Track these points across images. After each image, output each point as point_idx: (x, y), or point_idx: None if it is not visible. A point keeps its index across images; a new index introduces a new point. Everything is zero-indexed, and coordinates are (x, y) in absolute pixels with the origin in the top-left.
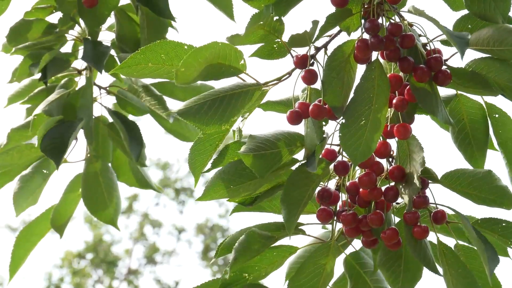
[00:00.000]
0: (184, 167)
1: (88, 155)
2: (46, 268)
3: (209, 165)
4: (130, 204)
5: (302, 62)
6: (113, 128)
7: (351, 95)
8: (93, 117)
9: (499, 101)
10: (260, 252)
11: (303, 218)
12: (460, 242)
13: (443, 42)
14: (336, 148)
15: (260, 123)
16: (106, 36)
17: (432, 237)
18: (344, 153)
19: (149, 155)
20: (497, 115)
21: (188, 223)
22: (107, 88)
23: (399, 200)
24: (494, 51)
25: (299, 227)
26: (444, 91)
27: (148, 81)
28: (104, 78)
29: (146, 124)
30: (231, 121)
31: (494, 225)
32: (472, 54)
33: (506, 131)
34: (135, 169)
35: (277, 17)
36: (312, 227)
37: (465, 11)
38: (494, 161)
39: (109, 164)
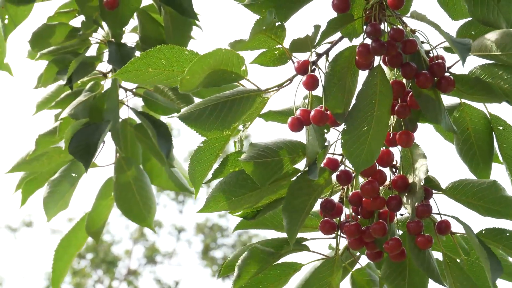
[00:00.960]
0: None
1: (118, 158)
2: (46, 268)
3: (209, 176)
4: None
5: (303, 68)
6: (141, 130)
7: (353, 101)
8: (120, 119)
9: (503, 112)
10: (263, 269)
11: (307, 234)
12: (466, 257)
13: (446, 49)
14: (339, 158)
15: (261, 133)
16: (130, 38)
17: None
18: (346, 163)
19: None
20: (501, 128)
21: (188, 223)
22: (134, 90)
23: (403, 211)
24: (498, 56)
25: (303, 243)
26: (447, 100)
27: None
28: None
29: None
30: (232, 127)
31: (498, 235)
32: (475, 61)
33: (511, 145)
34: (168, 172)
35: (279, 23)
36: (317, 245)
37: (465, 20)
38: (499, 173)
39: (141, 167)
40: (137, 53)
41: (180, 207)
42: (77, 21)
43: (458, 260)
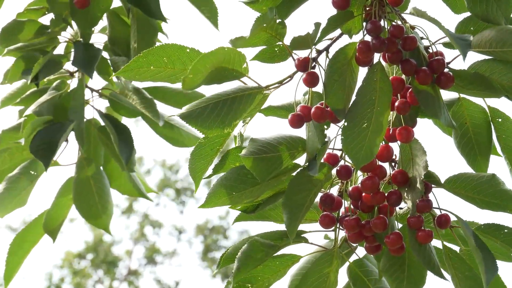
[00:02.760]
0: (184, 168)
1: (80, 158)
2: (46, 268)
3: (210, 171)
4: (130, 204)
5: (304, 65)
6: (104, 132)
7: (353, 97)
8: (85, 119)
9: (502, 105)
10: (263, 261)
11: (305, 226)
12: (465, 248)
13: (445, 45)
14: (339, 153)
15: (262, 128)
16: (99, 38)
17: (436, 242)
18: (346, 158)
19: (150, 155)
20: (500, 120)
21: (188, 224)
22: (99, 91)
23: (402, 205)
24: (497, 52)
25: (302, 235)
26: (446, 95)
27: (140, 85)
28: (96, 81)
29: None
30: (233, 125)
31: (497, 231)
32: (474, 57)
33: (510, 136)
34: (128, 176)
35: (280, 20)
36: (315, 237)
37: (466, 14)
38: (497, 166)
39: (101, 168)
40: (105, 54)
41: (180, 208)
42: (46, 19)
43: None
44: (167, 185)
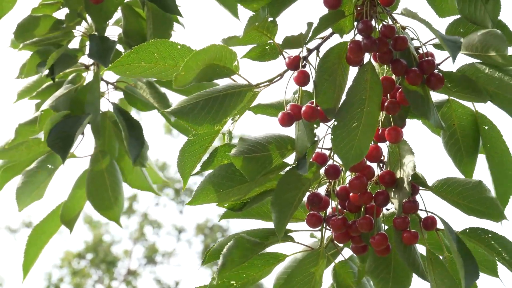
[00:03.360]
0: None
1: (95, 150)
2: (45, 268)
3: (198, 168)
4: (130, 204)
5: (294, 63)
6: (118, 126)
7: (344, 97)
8: (100, 112)
9: (490, 112)
10: (248, 258)
11: (292, 225)
12: (448, 254)
13: (436, 46)
14: (327, 152)
15: (251, 126)
16: (113, 31)
17: (421, 247)
18: (335, 157)
19: (150, 155)
20: (486, 127)
21: (188, 223)
22: (115, 84)
23: (389, 206)
24: (482, 56)
25: (288, 234)
26: (435, 96)
27: None
28: (111, 74)
29: (146, 124)
30: (223, 122)
31: (482, 235)
32: (464, 59)
33: (494, 145)
34: (138, 170)
35: (271, 19)
36: (301, 236)
37: (451, 17)
38: (484, 168)
39: (115, 162)
40: (119, 47)
41: (180, 207)
42: (61, 14)
43: (441, 257)
44: (167, 185)
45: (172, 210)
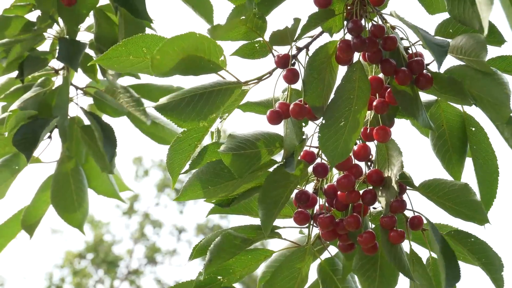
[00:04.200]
0: None
1: (62, 155)
2: (47, 268)
3: (187, 166)
4: (131, 204)
5: (284, 61)
6: (87, 131)
7: (332, 96)
8: (69, 117)
9: (477, 114)
10: (235, 255)
11: (279, 222)
12: (433, 255)
13: (425, 46)
14: (315, 150)
15: (240, 124)
16: (84, 37)
17: (406, 245)
18: (323, 156)
19: (149, 155)
20: (473, 129)
21: (189, 223)
22: (84, 89)
23: (376, 205)
24: (466, 60)
25: (275, 230)
26: (425, 97)
27: (125, 82)
28: (81, 79)
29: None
30: (209, 119)
31: (464, 238)
32: (452, 60)
33: (480, 147)
34: (106, 177)
35: (260, 14)
36: (288, 232)
37: (441, 15)
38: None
39: (81, 168)
40: (90, 52)
41: (180, 208)
42: (33, 15)
43: (425, 256)
44: (167, 185)
45: (172, 210)
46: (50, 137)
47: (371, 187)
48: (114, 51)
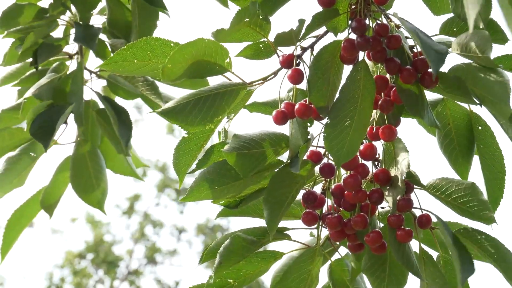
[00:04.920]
0: None
1: (78, 138)
2: (47, 268)
3: (194, 166)
4: (131, 204)
5: (288, 62)
6: (102, 115)
7: (337, 95)
8: (84, 101)
9: (484, 113)
10: (245, 257)
11: (288, 223)
12: (443, 254)
13: None
14: (322, 150)
15: (246, 124)
16: (97, 21)
17: (415, 244)
18: (329, 155)
19: (149, 156)
20: (480, 128)
21: (189, 223)
22: (98, 72)
23: (384, 204)
24: (471, 57)
25: (285, 232)
26: (431, 95)
27: None
28: (94, 64)
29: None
30: (215, 121)
31: (475, 236)
32: (459, 59)
33: (487, 146)
34: (121, 157)
35: (263, 16)
36: (298, 234)
37: (446, 16)
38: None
39: (98, 149)
40: (103, 36)
41: (181, 208)
42: (45, 3)
43: (435, 257)
44: (167, 185)
45: (172, 210)
46: (65, 122)
47: (378, 187)
48: (118, 55)
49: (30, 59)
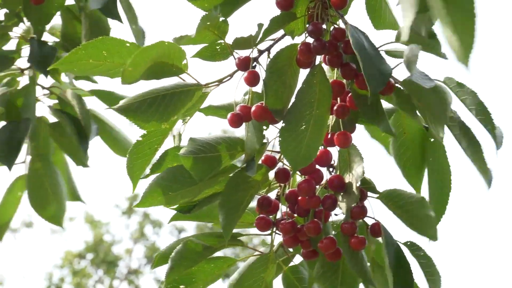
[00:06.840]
0: None
1: (31, 154)
2: (46, 268)
3: (147, 171)
4: (130, 204)
5: (244, 64)
6: (56, 128)
7: (293, 99)
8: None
9: None
10: (197, 263)
11: (242, 230)
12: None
13: (387, 53)
14: (277, 155)
15: (202, 128)
16: (48, 38)
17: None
18: (284, 160)
19: None
20: (432, 140)
21: (188, 223)
22: (50, 89)
23: (338, 211)
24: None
25: (238, 238)
26: (387, 104)
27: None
28: (45, 78)
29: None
30: (171, 121)
31: (417, 251)
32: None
33: (436, 161)
34: (69, 179)
35: (222, 18)
36: (256, 241)
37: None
38: None
39: (52, 164)
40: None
41: None
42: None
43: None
44: None
45: (172, 210)
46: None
47: (332, 193)
48: (74, 55)
49: None
